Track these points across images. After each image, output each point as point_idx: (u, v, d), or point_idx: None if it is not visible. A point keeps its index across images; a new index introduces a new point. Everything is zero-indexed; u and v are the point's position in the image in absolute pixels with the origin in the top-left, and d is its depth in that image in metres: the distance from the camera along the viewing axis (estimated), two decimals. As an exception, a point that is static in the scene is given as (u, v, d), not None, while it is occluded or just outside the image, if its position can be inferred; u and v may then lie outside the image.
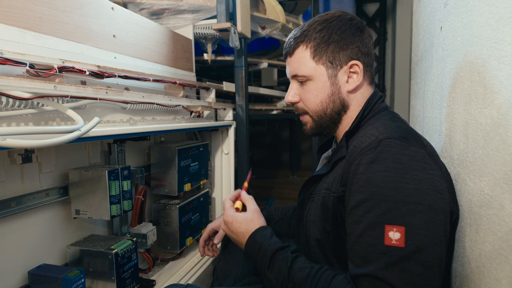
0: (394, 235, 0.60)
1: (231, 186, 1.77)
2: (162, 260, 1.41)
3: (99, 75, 0.98)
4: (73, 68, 0.90)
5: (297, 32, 0.83)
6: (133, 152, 1.35)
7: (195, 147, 1.48)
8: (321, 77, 0.80)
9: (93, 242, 1.06)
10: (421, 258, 0.59)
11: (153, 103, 1.26)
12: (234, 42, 1.63)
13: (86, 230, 1.14)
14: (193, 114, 1.61)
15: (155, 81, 1.25)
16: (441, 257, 0.61)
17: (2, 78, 0.70)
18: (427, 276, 0.59)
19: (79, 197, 1.04)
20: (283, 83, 3.12)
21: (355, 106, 0.82)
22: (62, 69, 0.87)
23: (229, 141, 1.76)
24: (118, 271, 1.01)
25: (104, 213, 1.02)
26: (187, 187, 1.43)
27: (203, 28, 1.75)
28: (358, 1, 4.02)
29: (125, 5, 1.65)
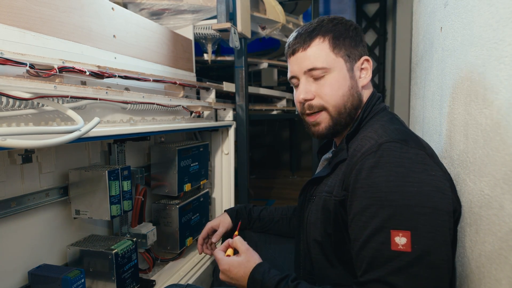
0: (400, 240, 0.60)
1: (231, 186, 1.77)
2: (162, 260, 1.41)
3: (99, 75, 0.98)
4: (73, 68, 0.90)
5: (307, 27, 0.80)
6: (133, 152, 1.35)
7: (195, 147, 1.48)
8: (341, 69, 0.78)
9: (93, 242, 1.06)
10: (429, 261, 0.59)
11: (153, 103, 1.26)
12: (234, 42, 1.63)
13: (86, 230, 1.14)
14: (193, 114, 1.61)
15: (155, 81, 1.25)
16: (448, 258, 0.61)
17: (2, 78, 0.70)
18: (435, 278, 0.59)
19: (79, 197, 1.03)
20: (283, 83, 3.13)
21: (363, 103, 0.82)
22: (62, 69, 0.87)
23: (229, 141, 1.76)
24: (118, 271, 1.01)
25: (104, 213, 1.02)
26: (187, 187, 1.43)
27: (203, 28, 1.75)
28: (358, 1, 4.02)
29: (125, 5, 1.65)
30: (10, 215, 0.87)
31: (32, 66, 0.81)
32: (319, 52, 0.78)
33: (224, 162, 1.78)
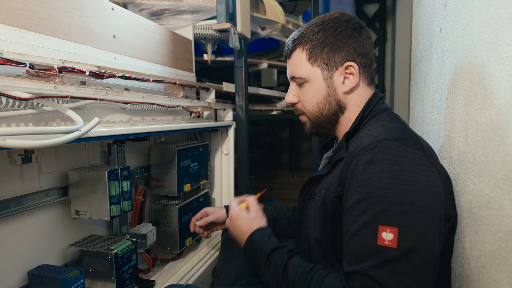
0: (387, 236, 0.60)
1: (231, 186, 1.77)
2: (162, 260, 1.41)
3: (99, 75, 0.99)
4: (73, 68, 0.90)
5: (295, 34, 0.84)
6: (133, 152, 1.35)
7: (195, 148, 1.48)
8: (316, 79, 0.81)
9: (92, 242, 1.06)
10: (413, 259, 0.59)
11: (153, 104, 1.26)
12: (234, 42, 1.63)
13: (85, 230, 1.14)
14: (193, 114, 1.61)
15: (155, 81, 1.25)
16: (435, 259, 0.61)
17: (2, 78, 0.70)
18: (419, 277, 0.59)
19: (79, 197, 1.03)
20: (283, 84, 3.13)
21: (353, 106, 0.82)
22: (62, 70, 0.87)
23: (229, 142, 1.76)
24: (117, 272, 1.01)
25: (103, 213, 1.02)
26: (187, 188, 1.43)
27: (203, 28, 1.75)
28: (358, 2, 4.02)
29: (125, 6, 1.65)
30: (9, 215, 0.87)
31: (32, 66, 0.81)
32: (298, 62, 0.83)
33: (223, 162, 1.78)
